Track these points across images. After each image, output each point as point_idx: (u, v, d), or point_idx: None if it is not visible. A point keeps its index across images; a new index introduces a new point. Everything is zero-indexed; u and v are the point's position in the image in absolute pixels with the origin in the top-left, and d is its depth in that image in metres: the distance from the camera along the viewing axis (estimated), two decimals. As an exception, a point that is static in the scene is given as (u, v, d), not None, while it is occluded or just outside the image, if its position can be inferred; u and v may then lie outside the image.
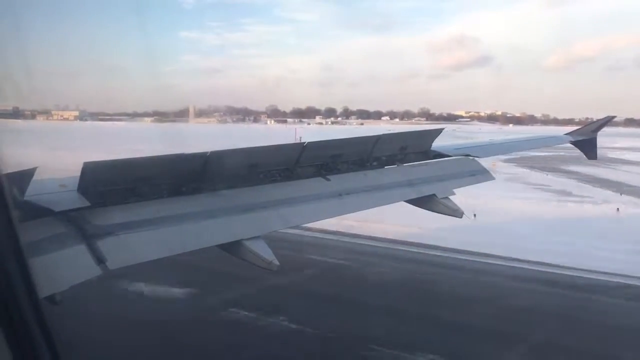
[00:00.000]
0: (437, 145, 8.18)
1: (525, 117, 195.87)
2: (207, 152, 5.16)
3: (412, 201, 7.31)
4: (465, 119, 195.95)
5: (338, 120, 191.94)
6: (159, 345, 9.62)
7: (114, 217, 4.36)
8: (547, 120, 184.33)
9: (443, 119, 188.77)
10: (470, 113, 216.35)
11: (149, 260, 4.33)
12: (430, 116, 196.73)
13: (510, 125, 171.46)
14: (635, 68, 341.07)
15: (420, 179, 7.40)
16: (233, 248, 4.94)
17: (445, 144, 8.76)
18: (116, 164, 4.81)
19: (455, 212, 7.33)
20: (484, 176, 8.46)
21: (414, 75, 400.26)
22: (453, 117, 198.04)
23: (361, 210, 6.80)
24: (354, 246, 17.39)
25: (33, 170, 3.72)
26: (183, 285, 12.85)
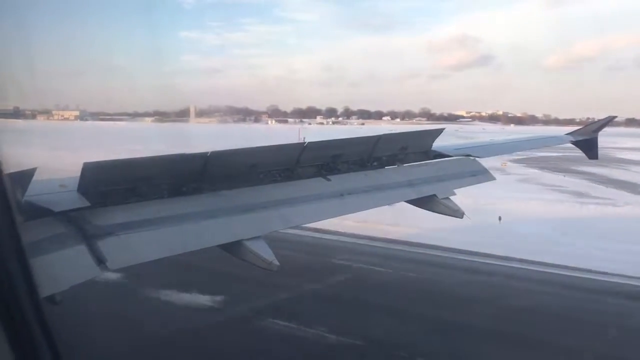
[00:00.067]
0: (438, 145, 8.18)
1: (526, 117, 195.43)
2: (208, 152, 5.16)
3: (413, 201, 7.31)
4: (467, 119, 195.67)
5: (339, 120, 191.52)
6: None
7: (114, 217, 4.36)
8: (549, 120, 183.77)
9: (444, 119, 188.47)
10: (472, 113, 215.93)
11: (149, 260, 4.33)
12: (431, 116, 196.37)
13: (511, 125, 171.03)
14: (635, 68, 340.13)
15: (421, 179, 7.39)
16: (233, 248, 4.94)
17: (445, 144, 8.75)
18: (116, 164, 4.81)
19: (456, 213, 7.31)
20: (484, 176, 8.45)
21: (415, 75, 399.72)
22: (454, 117, 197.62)
23: (361, 210, 6.80)
24: (382, 250, 16.66)
25: (33, 171, 3.72)
26: (209, 293, 12.19)
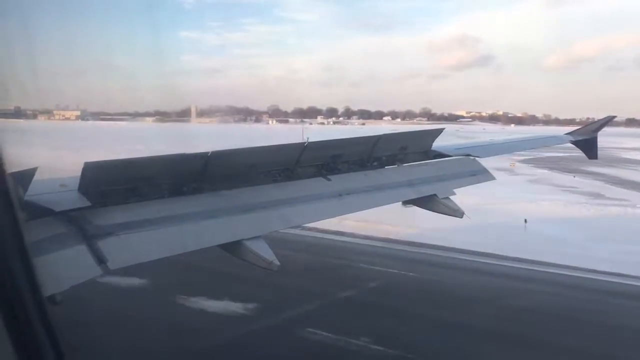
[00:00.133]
0: (438, 145, 8.19)
1: (526, 117, 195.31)
2: (208, 152, 5.18)
3: (413, 201, 7.32)
4: (467, 119, 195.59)
5: (340, 120, 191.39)
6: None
7: (114, 217, 4.37)
8: (549, 121, 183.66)
9: (444, 119, 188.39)
10: (472, 113, 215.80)
11: (149, 260, 4.35)
12: (431, 116, 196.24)
13: (512, 125, 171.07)
14: (635, 68, 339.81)
15: (421, 179, 7.41)
16: (234, 248, 4.96)
17: (445, 143, 8.77)
18: (117, 164, 4.83)
19: (456, 212, 7.33)
20: (484, 176, 8.47)
21: (415, 75, 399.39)
22: (454, 118, 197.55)
23: (362, 210, 6.81)
24: (410, 255, 16.26)
25: (34, 170, 3.73)
26: (244, 300, 11.76)
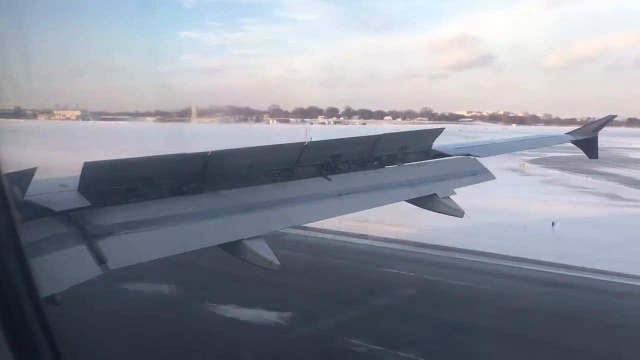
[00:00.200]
0: (438, 144, 8.18)
1: (527, 117, 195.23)
2: (208, 152, 5.17)
3: (413, 201, 7.31)
4: (468, 119, 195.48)
5: (340, 120, 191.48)
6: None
7: (114, 217, 4.36)
8: (550, 120, 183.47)
9: (445, 118, 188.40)
10: (472, 113, 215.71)
11: (150, 260, 4.34)
12: (432, 116, 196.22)
13: (513, 125, 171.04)
14: (635, 68, 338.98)
15: (421, 178, 7.40)
16: (234, 248, 4.95)
17: (446, 143, 8.76)
18: (117, 163, 4.82)
19: (456, 212, 7.32)
20: (484, 176, 8.46)
21: (415, 75, 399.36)
22: (455, 117, 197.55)
23: (362, 210, 6.81)
24: (444, 260, 15.72)
25: (33, 170, 3.72)
26: (279, 308, 11.45)
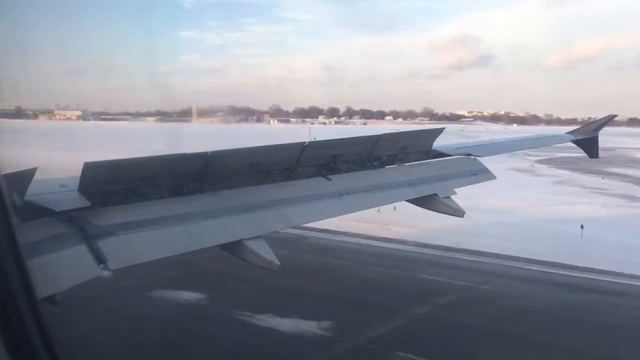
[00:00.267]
0: (438, 144, 8.17)
1: (528, 117, 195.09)
2: (208, 152, 5.17)
3: (413, 201, 7.30)
4: (468, 119, 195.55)
5: (341, 120, 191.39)
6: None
7: (114, 217, 4.36)
8: (551, 120, 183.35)
9: (446, 118, 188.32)
10: (473, 113, 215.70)
11: (150, 260, 4.33)
12: (433, 116, 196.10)
13: (514, 125, 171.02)
14: (636, 67, 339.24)
15: (421, 178, 7.39)
16: (234, 248, 4.95)
17: (446, 143, 8.75)
18: (117, 164, 4.82)
19: (457, 212, 7.31)
20: (484, 175, 8.45)
21: (415, 75, 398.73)
22: (456, 117, 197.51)
23: (362, 210, 6.80)
24: (483, 266, 15.45)
25: (33, 171, 3.72)
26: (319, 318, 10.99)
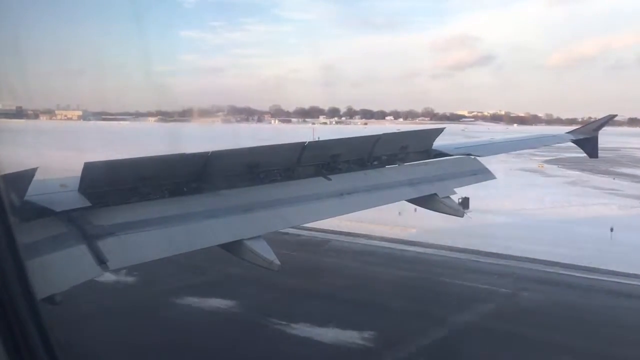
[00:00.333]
0: (438, 144, 8.19)
1: (529, 117, 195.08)
2: (208, 152, 5.18)
3: (413, 200, 7.32)
4: (469, 119, 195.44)
5: (342, 120, 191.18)
6: None
7: (115, 217, 4.37)
8: (551, 120, 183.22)
9: (447, 118, 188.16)
10: (474, 113, 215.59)
11: (150, 260, 4.34)
12: (434, 116, 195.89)
13: (515, 125, 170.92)
14: (636, 67, 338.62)
15: (421, 178, 7.41)
16: (234, 248, 4.96)
17: (446, 142, 8.76)
18: (117, 164, 4.83)
19: (457, 212, 7.34)
20: (484, 175, 8.46)
21: (416, 75, 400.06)
22: (456, 117, 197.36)
23: (362, 209, 6.81)
24: (521, 271, 15.37)
25: (34, 171, 3.73)
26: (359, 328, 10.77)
